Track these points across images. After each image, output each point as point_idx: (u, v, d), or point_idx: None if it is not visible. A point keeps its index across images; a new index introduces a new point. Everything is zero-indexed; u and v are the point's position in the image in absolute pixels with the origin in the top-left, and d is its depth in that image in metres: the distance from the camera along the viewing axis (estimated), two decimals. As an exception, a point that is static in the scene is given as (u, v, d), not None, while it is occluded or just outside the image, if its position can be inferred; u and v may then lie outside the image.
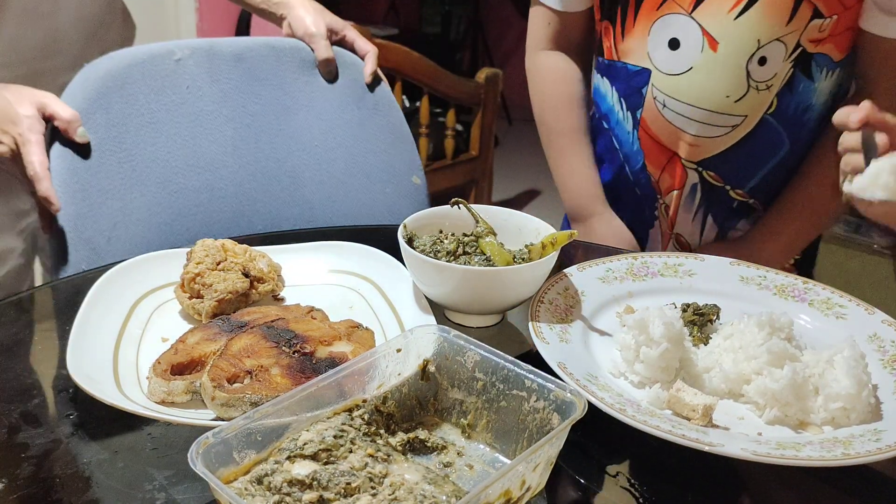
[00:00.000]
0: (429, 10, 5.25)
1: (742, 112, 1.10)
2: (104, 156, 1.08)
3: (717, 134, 1.12)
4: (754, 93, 1.08)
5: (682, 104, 1.11)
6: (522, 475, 0.58)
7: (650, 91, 1.14)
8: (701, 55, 1.08)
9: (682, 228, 1.23)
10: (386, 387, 0.68)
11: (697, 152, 1.14)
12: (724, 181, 1.16)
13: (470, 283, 0.83)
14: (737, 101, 1.09)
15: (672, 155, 1.16)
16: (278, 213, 1.23)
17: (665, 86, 1.12)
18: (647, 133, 1.18)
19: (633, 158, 1.22)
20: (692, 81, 1.10)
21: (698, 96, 1.10)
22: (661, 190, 1.21)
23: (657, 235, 1.27)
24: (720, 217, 1.21)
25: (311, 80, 1.27)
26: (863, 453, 0.65)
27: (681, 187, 1.18)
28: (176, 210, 1.14)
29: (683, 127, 1.13)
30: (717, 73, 1.08)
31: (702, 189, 1.18)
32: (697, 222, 1.22)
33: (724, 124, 1.11)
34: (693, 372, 0.79)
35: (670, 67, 1.11)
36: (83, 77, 1.10)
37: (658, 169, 1.19)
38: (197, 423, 0.67)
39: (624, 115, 1.20)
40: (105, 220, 1.07)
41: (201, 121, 1.18)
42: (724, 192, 1.18)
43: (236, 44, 1.24)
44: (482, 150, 3.03)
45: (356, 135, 1.28)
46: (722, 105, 1.09)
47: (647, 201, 1.24)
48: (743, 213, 1.20)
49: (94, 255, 1.05)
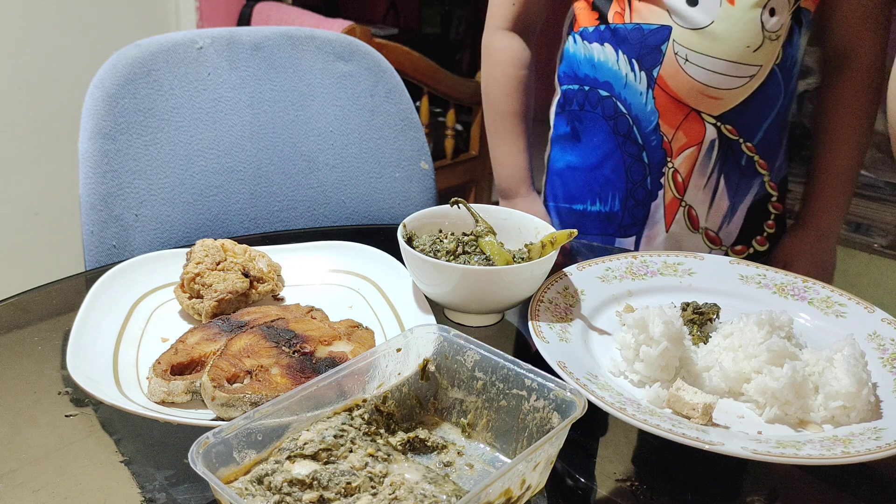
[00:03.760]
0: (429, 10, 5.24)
1: (759, 62, 1.15)
2: (132, 139, 1.15)
3: (737, 85, 1.16)
4: (769, 43, 1.14)
5: (706, 57, 1.15)
6: (522, 474, 0.58)
7: (671, 47, 1.18)
8: (720, 9, 1.13)
9: (693, 196, 1.24)
10: (386, 386, 0.68)
11: (719, 105, 1.18)
12: (738, 134, 1.20)
13: (469, 283, 0.83)
14: (755, 51, 1.14)
15: (689, 111, 1.19)
16: (293, 195, 1.29)
17: (687, 41, 1.16)
18: (665, 90, 1.20)
19: (644, 120, 1.23)
20: (715, 34, 1.14)
21: (721, 48, 1.14)
22: (672, 151, 1.23)
23: (660, 209, 1.26)
24: (732, 180, 1.23)
25: (325, 69, 1.32)
26: (863, 451, 0.65)
27: (698, 143, 1.21)
28: (198, 190, 1.20)
29: (706, 80, 1.16)
30: (737, 25, 1.13)
31: (719, 144, 1.21)
32: (710, 188, 1.24)
33: (743, 74, 1.15)
34: (693, 371, 0.79)
35: (693, 22, 1.15)
36: (112, 64, 1.16)
37: (672, 127, 1.21)
38: (197, 423, 0.67)
39: (636, 77, 1.23)
40: (133, 199, 1.14)
41: (221, 106, 1.24)
42: (738, 145, 1.21)
43: (255, 33, 1.29)
44: (482, 150, 3.03)
45: (368, 121, 1.34)
46: (743, 56, 1.14)
47: (654, 169, 1.25)
48: (750, 175, 1.24)
49: (123, 231, 1.13)
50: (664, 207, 1.25)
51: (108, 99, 1.13)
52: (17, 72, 2.31)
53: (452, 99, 2.83)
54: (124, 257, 1.07)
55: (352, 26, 2.51)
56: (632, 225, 1.28)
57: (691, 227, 1.26)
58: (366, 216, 1.33)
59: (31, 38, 2.32)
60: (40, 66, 2.36)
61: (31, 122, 2.38)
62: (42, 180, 2.44)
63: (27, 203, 2.44)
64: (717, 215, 1.25)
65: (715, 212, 1.25)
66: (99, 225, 1.12)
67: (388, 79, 1.36)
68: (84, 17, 2.42)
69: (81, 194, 1.12)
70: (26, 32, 2.30)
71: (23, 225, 2.45)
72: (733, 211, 1.25)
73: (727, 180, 1.23)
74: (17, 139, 2.36)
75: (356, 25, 2.52)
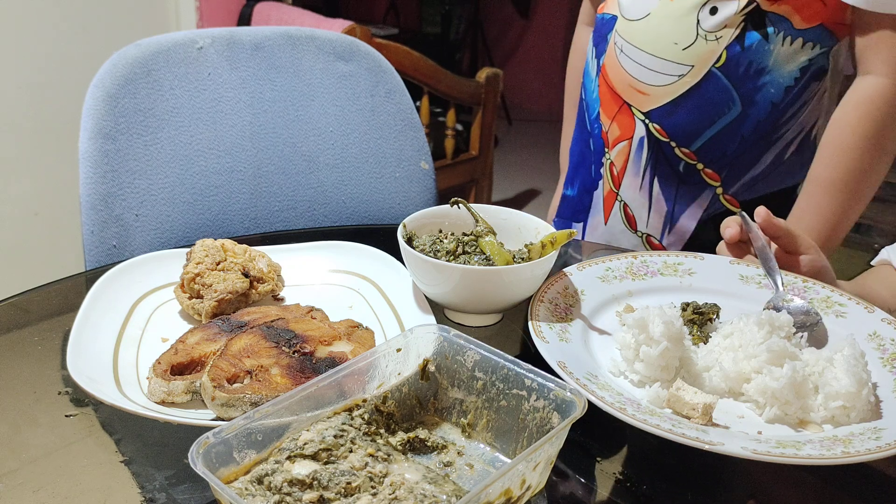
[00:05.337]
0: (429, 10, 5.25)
1: (689, 61, 1.11)
2: (132, 139, 1.15)
3: (663, 83, 1.13)
4: (702, 42, 1.09)
5: (636, 49, 1.15)
6: (522, 474, 0.58)
7: (613, 37, 1.20)
8: (658, 2, 1.12)
9: (629, 195, 1.23)
10: (386, 386, 0.68)
11: (646, 101, 1.16)
12: (669, 136, 1.16)
13: (469, 283, 0.83)
14: (684, 49, 1.10)
15: (623, 103, 1.19)
16: (293, 195, 1.29)
17: (624, 31, 1.17)
18: (605, 80, 1.22)
19: (591, 106, 1.27)
20: (647, 27, 1.13)
21: (650, 42, 1.13)
22: (608, 142, 1.23)
23: (599, 200, 1.28)
24: (668, 185, 1.18)
25: (325, 69, 1.32)
26: (863, 451, 0.65)
27: (629, 138, 1.20)
28: (198, 190, 1.20)
29: (634, 73, 1.16)
30: (669, 19, 1.11)
31: (648, 144, 1.18)
32: (645, 191, 1.21)
33: (670, 72, 1.13)
34: (693, 371, 0.79)
35: (632, 13, 1.16)
36: (112, 64, 1.16)
37: (609, 118, 1.22)
38: (197, 423, 0.67)
39: (591, 63, 1.27)
40: (133, 199, 1.15)
41: (221, 106, 1.24)
42: (670, 148, 1.17)
43: (255, 33, 1.29)
44: (482, 150, 3.03)
45: (368, 121, 1.34)
46: (669, 52, 1.12)
47: (596, 157, 1.27)
48: (690, 181, 1.17)
49: (123, 231, 1.14)
50: (603, 198, 1.28)
51: (108, 99, 1.13)
52: (17, 72, 2.31)
53: (452, 99, 2.83)
54: (124, 257, 1.07)
55: (352, 26, 2.51)
56: (581, 211, 1.32)
57: (629, 227, 1.26)
58: (366, 216, 1.33)
59: (31, 38, 2.32)
60: (40, 66, 2.36)
61: (31, 122, 2.38)
62: (42, 180, 2.44)
63: (27, 203, 2.44)
64: (656, 221, 1.22)
65: (654, 217, 1.22)
66: (99, 225, 1.12)
67: (389, 79, 1.36)
68: (84, 17, 2.42)
69: (81, 194, 1.12)
70: (26, 32, 2.30)
71: (23, 225, 2.45)
72: (674, 219, 1.21)
73: (662, 184, 1.19)
74: (17, 139, 2.37)
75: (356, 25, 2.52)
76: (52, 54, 2.37)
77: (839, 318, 0.88)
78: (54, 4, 2.34)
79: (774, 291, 0.90)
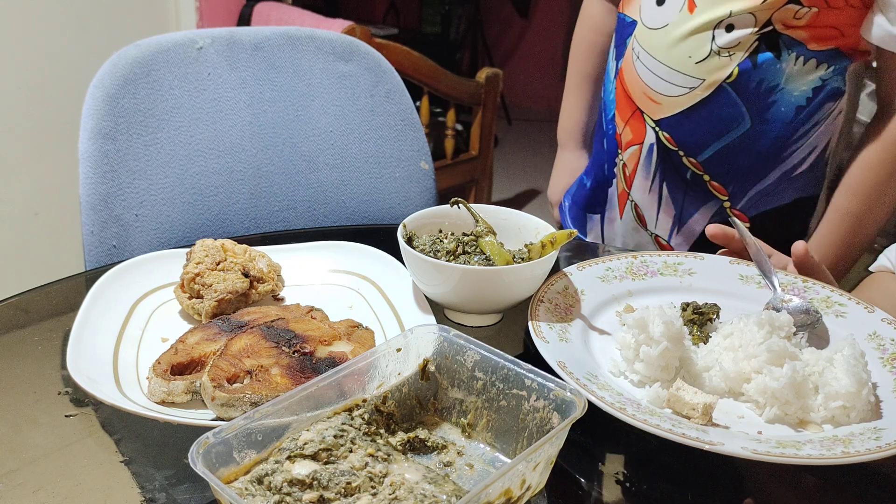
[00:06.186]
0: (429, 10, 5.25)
1: (700, 75, 1.12)
2: (132, 139, 1.15)
3: (674, 93, 1.15)
4: (715, 57, 1.10)
5: (651, 58, 1.16)
6: (522, 474, 0.58)
7: (631, 42, 1.21)
8: (678, 14, 1.13)
9: (639, 196, 1.26)
10: (386, 386, 0.68)
11: (657, 110, 1.18)
12: (677, 145, 1.17)
13: (469, 283, 0.83)
14: (697, 63, 1.11)
15: (636, 109, 1.21)
16: (293, 195, 1.29)
17: (643, 39, 1.18)
18: (621, 84, 1.24)
19: (608, 107, 1.29)
20: (664, 38, 1.14)
21: (665, 53, 1.14)
22: (622, 144, 1.25)
23: (614, 196, 1.32)
24: (677, 192, 1.21)
25: (325, 69, 1.32)
26: (863, 451, 0.65)
27: (640, 143, 1.22)
28: (198, 190, 1.20)
29: (648, 81, 1.17)
30: (686, 32, 1.12)
31: (657, 151, 1.20)
32: (654, 194, 1.24)
33: (681, 84, 1.14)
34: (693, 371, 0.79)
35: (652, 22, 1.16)
36: (112, 64, 1.16)
37: (623, 121, 1.24)
38: (197, 423, 0.67)
39: (611, 64, 1.29)
40: (133, 199, 1.15)
41: (221, 106, 1.24)
42: (678, 157, 1.18)
43: (255, 33, 1.29)
44: (482, 150, 3.03)
45: (368, 121, 1.34)
46: (682, 64, 1.13)
47: (609, 157, 1.29)
48: (697, 189, 1.19)
49: (123, 231, 1.14)
50: (617, 196, 1.31)
51: (108, 99, 1.13)
52: (17, 72, 2.31)
53: (452, 99, 2.83)
54: (124, 257, 1.07)
55: (352, 26, 2.51)
56: (597, 204, 1.35)
57: (640, 225, 1.29)
58: (366, 216, 1.33)
59: (31, 38, 2.32)
60: (40, 66, 2.36)
61: (31, 122, 2.38)
62: (42, 180, 2.44)
63: (27, 203, 2.44)
64: (665, 223, 1.25)
65: (663, 218, 1.25)
66: (99, 225, 1.12)
67: (388, 79, 1.36)
68: (84, 17, 2.42)
69: (81, 194, 1.12)
70: (26, 32, 2.30)
71: (23, 225, 2.45)
72: (681, 222, 1.23)
73: (671, 190, 1.22)
74: (17, 139, 2.36)
75: (356, 25, 2.52)
76: (52, 54, 2.36)
77: (839, 318, 0.88)
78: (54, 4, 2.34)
79: (773, 293, 0.90)
